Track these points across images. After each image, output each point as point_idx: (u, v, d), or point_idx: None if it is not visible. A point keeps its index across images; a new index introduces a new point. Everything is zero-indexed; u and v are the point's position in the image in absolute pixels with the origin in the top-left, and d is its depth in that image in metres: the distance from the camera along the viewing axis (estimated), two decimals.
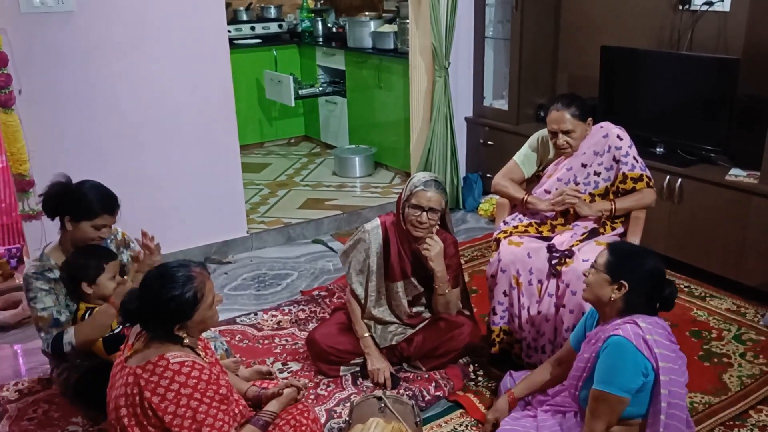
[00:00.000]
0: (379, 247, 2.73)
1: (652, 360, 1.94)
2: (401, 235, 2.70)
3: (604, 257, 2.10)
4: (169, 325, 1.89)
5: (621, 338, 1.96)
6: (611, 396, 1.95)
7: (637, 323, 1.99)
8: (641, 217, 2.75)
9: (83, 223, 2.42)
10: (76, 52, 3.37)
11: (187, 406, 1.81)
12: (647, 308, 2.06)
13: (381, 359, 2.72)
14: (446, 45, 4.43)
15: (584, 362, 2.11)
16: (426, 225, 2.59)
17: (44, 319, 2.43)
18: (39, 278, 2.43)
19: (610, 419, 2.00)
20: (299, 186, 5.13)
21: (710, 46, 3.56)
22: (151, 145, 3.68)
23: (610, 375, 1.96)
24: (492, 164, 4.65)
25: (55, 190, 2.45)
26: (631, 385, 1.95)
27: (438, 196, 2.59)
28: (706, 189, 3.37)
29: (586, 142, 2.79)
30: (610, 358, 1.97)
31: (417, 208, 2.59)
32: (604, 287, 2.06)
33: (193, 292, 1.88)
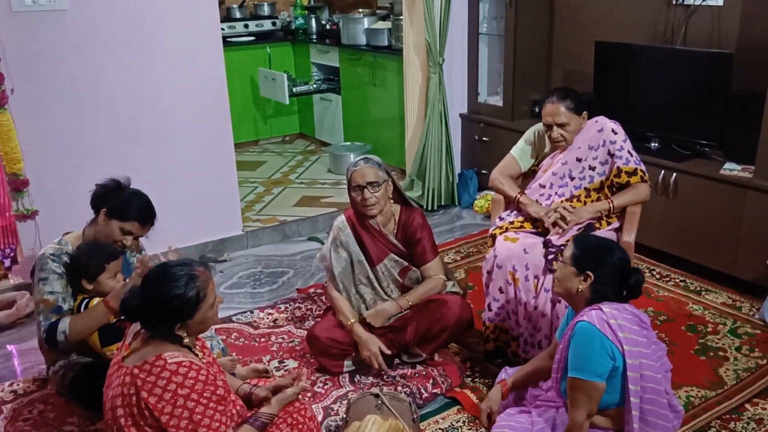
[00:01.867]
0: (350, 237, 2.77)
1: (617, 343, 1.96)
2: (364, 221, 2.76)
3: (570, 250, 2.13)
4: (170, 323, 1.88)
5: (586, 323, 1.98)
6: (584, 382, 1.97)
7: (601, 309, 2.01)
8: (637, 212, 2.75)
9: (114, 221, 2.50)
10: (69, 50, 3.36)
11: (183, 406, 1.80)
12: (615, 297, 2.08)
13: (372, 341, 2.70)
14: (440, 41, 4.42)
15: (560, 353, 2.12)
16: (372, 201, 2.66)
17: (48, 303, 2.43)
18: (55, 260, 2.46)
19: (589, 406, 2.00)
20: (294, 184, 5.12)
21: (704, 41, 3.56)
22: (146, 144, 3.66)
23: (580, 361, 1.98)
24: (487, 160, 4.65)
25: (109, 183, 2.56)
26: (601, 369, 1.96)
27: (372, 170, 2.66)
28: (700, 183, 3.37)
29: (581, 136, 2.79)
30: (577, 344, 2.00)
31: (358, 189, 2.67)
32: (572, 279, 2.10)
33: (196, 291, 1.88)
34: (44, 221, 3.47)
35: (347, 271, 2.79)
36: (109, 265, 2.45)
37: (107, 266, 2.45)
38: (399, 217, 2.80)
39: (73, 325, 2.40)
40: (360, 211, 2.72)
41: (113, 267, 2.46)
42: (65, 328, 2.40)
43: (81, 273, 2.45)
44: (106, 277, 2.45)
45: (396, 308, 2.76)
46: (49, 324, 2.43)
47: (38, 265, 2.47)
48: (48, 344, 2.46)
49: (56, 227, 3.41)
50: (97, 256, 2.44)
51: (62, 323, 2.40)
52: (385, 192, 2.70)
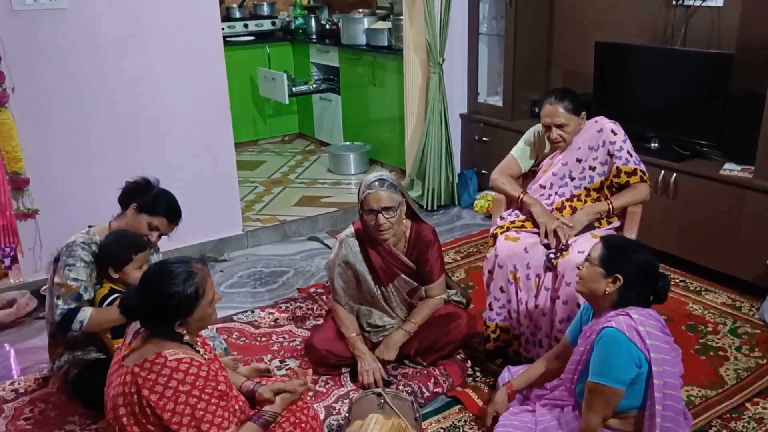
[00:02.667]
0: (358, 255, 2.71)
1: (645, 351, 1.95)
2: (374, 241, 2.68)
3: (598, 251, 2.10)
4: (169, 321, 1.89)
5: (614, 330, 1.97)
6: (606, 387, 1.96)
7: (629, 315, 2.00)
8: (637, 212, 2.76)
9: (143, 215, 2.57)
10: (69, 49, 3.35)
11: (185, 403, 1.80)
12: (641, 301, 2.07)
13: (370, 360, 2.70)
14: (440, 41, 4.43)
15: (579, 355, 2.12)
16: (386, 226, 2.56)
17: (70, 289, 2.45)
18: (85, 248, 2.50)
19: (605, 411, 2.00)
20: (294, 183, 5.12)
21: (703, 42, 3.57)
22: (146, 143, 3.66)
23: (603, 367, 1.97)
24: (487, 160, 4.66)
25: (140, 181, 2.65)
26: (625, 376, 1.96)
27: (388, 194, 2.54)
28: (700, 183, 3.38)
29: (581, 136, 2.80)
30: (603, 349, 1.99)
31: (371, 213, 2.56)
32: (599, 281, 2.07)
33: (195, 288, 1.88)
34: (44, 220, 3.47)
35: (351, 287, 2.76)
36: (136, 256, 2.49)
37: (134, 257, 2.48)
38: (410, 233, 2.74)
39: (93, 317, 2.42)
40: (372, 234, 2.64)
41: (140, 258, 2.50)
42: (84, 319, 2.42)
43: (109, 261, 2.48)
44: (133, 267, 2.48)
45: (404, 336, 2.74)
46: (67, 309, 2.44)
47: (66, 251, 2.50)
48: (59, 329, 2.46)
49: (57, 226, 3.44)
50: (125, 246, 2.49)
51: (82, 312, 2.42)
52: (400, 215, 2.61)
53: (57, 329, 2.48)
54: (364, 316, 2.80)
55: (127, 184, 2.67)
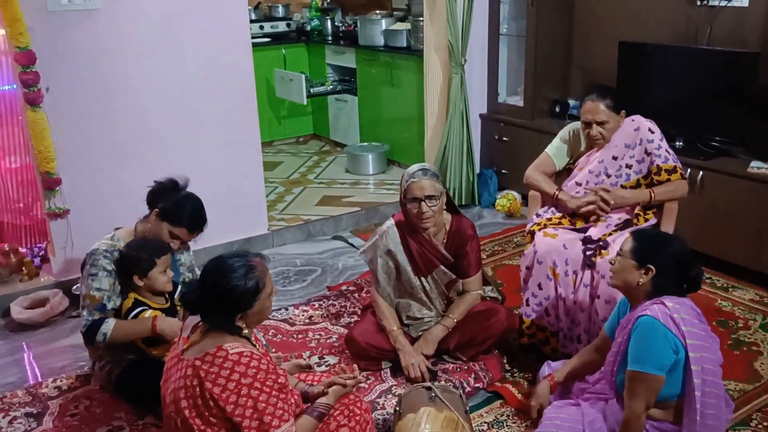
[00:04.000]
0: (399, 245, 2.76)
1: (681, 337, 1.99)
2: (415, 231, 2.73)
3: (629, 244, 2.15)
4: (229, 315, 1.91)
5: (649, 317, 2.01)
6: (646, 375, 1.99)
7: (664, 303, 2.04)
8: (674, 208, 2.79)
9: (165, 223, 2.53)
10: (101, 49, 3.37)
11: (248, 395, 1.82)
12: (675, 290, 2.10)
13: (413, 353, 2.73)
14: (462, 42, 4.46)
15: (617, 346, 2.15)
16: (429, 214, 2.62)
17: (94, 300, 2.46)
18: (107, 257, 2.49)
19: (648, 398, 2.03)
20: (313, 184, 5.15)
21: (728, 41, 3.61)
22: (176, 143, 3.68)
23: (642, 354, 2.01)
24: (507, 160, 4.70)
25: (167, 183, 2.59)
26: (664, 362, 1.99)
27: (431, 182, 2.61)
28: (728, 181, 3.41)
29: (618, 134, 2.83)
30: (640, 337, 2.02)
31: (414, 201, 2.62)
32: (632, 272, 2.11)
33: (255, 281, 1.90)
34: (76, 220, 3.48)
35: (392, 278, 2.80)
36: (159, 260, 2.48)
37: (158, 261, 2.48)
38: (450, 226, 2.78)
39: (116, 329, 2.44)
40: (414, 223, 2.68)
41: (163, 262, 2.49)
42: (108, 331, 2.43)
43: (132, 268, 2.47)
44: (158, 271, 2.48)
45: (444, 331, 2.77)
46: (91, 321, 2.46)
47: (89, 260, 2.50)
48: (85, 339, 2.50)
49: (88, 226, 3.46)
50: (148, 251, 2.48)
51: (106, 325, 2.43)
52: (441, 205, 2.66)
53: (84, 340, 2.50)
54: (404, 309, 2.83)
55: (154, 185, 2.63)
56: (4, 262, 3.59)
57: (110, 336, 2.44)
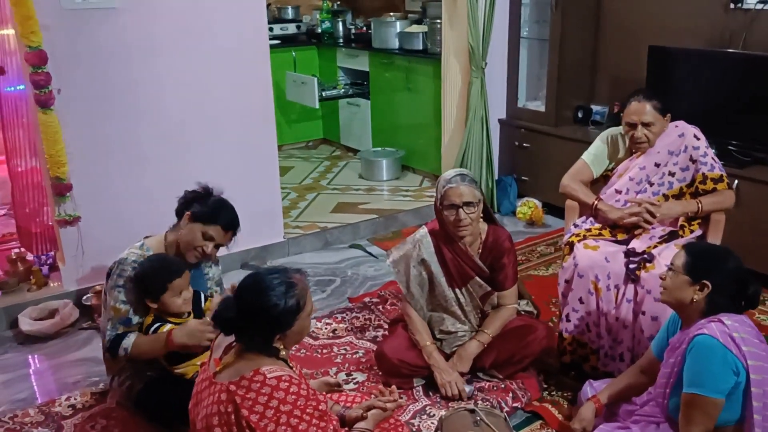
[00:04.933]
0: (433, 255, 2.63)
1: (741, 358, 1.86)
2: (450, 240, 2.61)
3: (682, 258, 2.02)
4: (268, 335, 1.78)
5: (707, 337, 1.88)
6: (703, 398, 1.87)
7: (722, 321, 1.92)
8: (721, 220, 2.67)
9: (197, 224, 2.41)
10: (117, 50, 3.24)
11: (287, 423, 1.70)
12: (732, 307, 1.98)
13: (449, 370, 2.60)
14: (483, 45, 4.33)
15: (670, 368, 2.02)
16: (467, 222, 2.49)
17: (119, 312, 2.33)
18: (136, 267, 2.35)
19: (706, 425, 1.90)
20: (327, 190, 5.01)
21: (764, 46, 3.49)
22: (193, 149, 3.55)
23: (699, 376, 1.88)
24: (528, 167, 4.58)
25: (199, 188, 2.51)
26: (724, 385, 1.86)
27: (469, 189, 2.49)
28: (765, 190, 3.29)
29: (661, 140, 2.71)
30: (697, 358, 1.89)
31: (452, 208, 2.50)
32: (685, 289, 1.99)
33: (296, 300, 1.78)
34: (87, 227, 3.34)
35: (425, 290, 2.67)
36: (172, 284, 2.31)
37: (169, 285, 2.31)
38: (486, 236, 2.65)
39: (136, 345, 2.32)
40: (450, 231, 2.56)
41: (177, 285, 2.32)
42: (128, 346, 2.32)
43: (144, 292, 2.33)
44: (170, 296, 2.32)
45: (479, 347, 2.64)
46: (115, 335, 2.35)
47: (117, 269, 2.37)
48: (110, 353, 2.37)
49: (100, 234, 3.33)
50: (159, 275, 2.31)
51: (127, 340, 2.32)
52: (479, 212, 2.54)
53: (108, 353, 2.37)
54: (437, 323, 2.70)
55: (185, 194, 2.54)
56: (12, 271, 3.45)
57: (131, 351, 2.32)
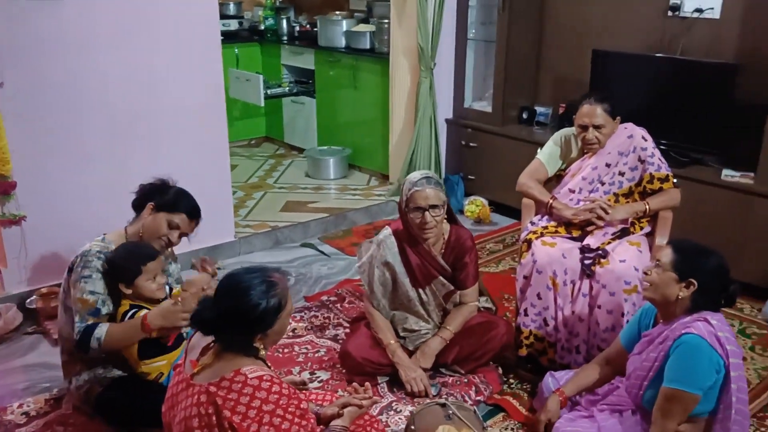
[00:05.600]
0: (396, 256, 2.67)
1: (724, 357, 1.97)
2: (414, 241, 2.65)
3: (669, 256, 2.08)
4: (249, 335, 1.76)
5: (695, 336, 1.97)
6: (685, 394, 1.96)
7: (708, 321, 2.00)
8: (669, 217, 2.81)
9: (162, 214, 2.42)
10: (63, 43, 3.12)
11: (270, 423, 1.68)
12: (712, 305, 2.07)
13: (413, 367, 2.64)
14: (432, 45, 4.40)
15: (651, 362, 2.09)
16: (432, 224, 2.54)
17: (87, 304, 2.26)
18: (101, 257, 2.30)
19: (681, 418, 2.01)
20: (274, 188, 4.97)
21: (701, 52, 3.69)
22: (140, 144, 3.45)
23: (685, 373, 1.97)
24: (475, 166, 4.67)
25: (156, 181, 2.52)
26: (706, 383, 1.96)
27: (435, 192, 2.54)
28: (703, 190, 3.48)
29: (611, 141, 2.83)
30: (684, 356, 1.98)
31: (418, 211, 2.54)
32: (671, 286, 2.06)
33: (277, 299, 1.77)
34: (32, 227, 3.21)
35: (388, 290, 2.70)
36: (146, 267, 2.29)
37: (144, 268, 2.29)
38: (449, 236, 2.70)
39: (110, 334, 2.24)
40: (415, 233, 2.60)
41: (151, 268, 2.30)
42: (101, 336, 2.23)
43: (118, 277, 2.29)
44: (144, 279, 2.29)
45: (441, 344, 2.69)
46: (84, 326, 2.25)
47: (81, 261, 2.29)
48: (79, 347, 2.28)
49: (45, 233, 3.21)
50: (134, 258, 2.29)
51: (99, 329, 2.24)
52: (444, 214, 2.60)
53: (77, 348, 2.29)
54: (400, 322, 2.73)
55: (141, 187, 2.52)
56: None
57: (104, 340, 2.22)
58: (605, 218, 2.71)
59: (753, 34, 3.52)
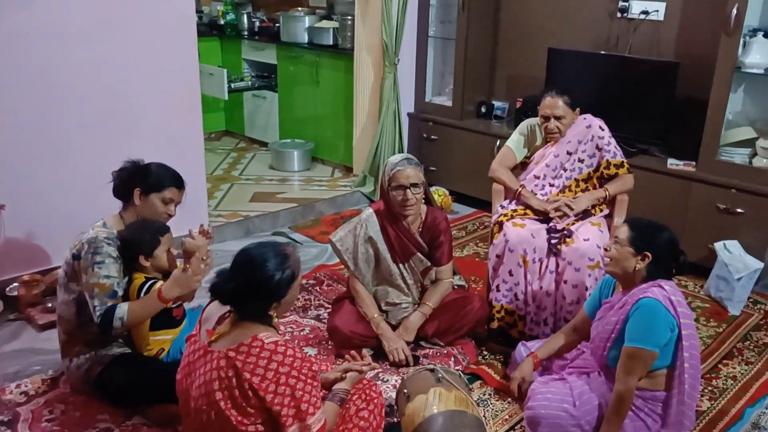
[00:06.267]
0: (379, 233, 2.85)
1: (677, 317, 2.22)
2: (394, 219, 2.85)
3: (626, 233, 2.33)
4: (265, 304, 1.91)
5: (651, 299, 2.21)
6: (645, 351, 2.20)
7: (662, 286, 2.26)
8: (625, 200, 3.08)
9: (152, 195, 2.50)
10: (36, 36, 3.15)
11: (286, 384, 1.83)
12: (666, 274, 2.33)
13: (396, 338, 2.83)
14: (396, 42, 4.59)
15: (612, 325, 2.34)
16: (413, 201, 2.75)
17: (104, 288, 2.35)
18: (111, 244, 2.40)
19: (642, 373, 2.25)
20: (240, 180, 5.07)
21: (646, 51, 4.01)
22: (115, 137, 3.49)
23: (642, 333, 2.20)
24: (436, 158, 4.88)
25: (129, 167, 2.54)
26: (661, 340, 2.20)
27: (415, 171, 2.75)
28: (650, 177, 3.79)
29: (571, 131, 3.08)
30: (642, 317, 2.21)
31: (400, 189, 2.74)
32: (629, 259, 2.30)
33: (291, 270, 1.92)
34: (11, 215, 3.24)
35: (371, 266, 2.88)
36: (163, 238, 2.45)
37: (162, 239, 2.45)
38: (425, 217, 2.90)
39: (131, 312, 2.35)
40: (396, 211, 2.79)
41: (167, 240, 2.47)
42: (123, 315, 2.33)
43: (138, 250, 2.42)
44: (162, 250, 2.45)
45: (422, 318, 2.89)
46: (105, 309, 2.34)
47: (91, 248, 2.37)
48: (102, 329, 2.37)
49: (23, 221, 3.24)
50: (151, 231, 2.44)
51: (119, 309, 2.34)
52: (422, 193, 2.79)
53: (100, 329, 2.37)
54: (382, 296, 2.93)
55: (117, 175, 2.56)
56: None
57: (127, 318, 2.33)
58: (570, 215, 2.94)
59: (693, 35, 3.86)
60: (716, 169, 3.60)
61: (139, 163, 2.59)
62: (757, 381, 2.85)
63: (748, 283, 3.40)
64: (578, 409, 2.29)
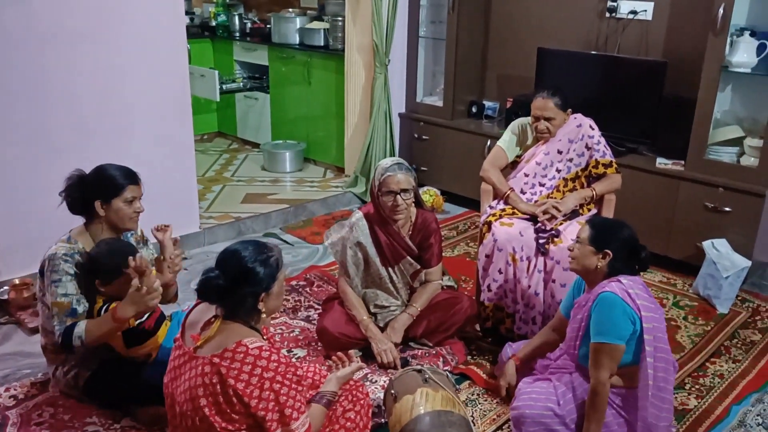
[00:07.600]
0: (368, 237, 2.86)
1: (636, 309, 2.22)
2: (384, 222, 2.85)
3: (587, 232, 2.36)
4: (252, 297, 1.90)
5: (609, 293, 2.23)
6: (608, 345, 2.21)
7: (620, 281, 2.27)
8: (612, 199, 3.10)
9: (114, 201, 2.43)
10: (30, 37, 3.16)
11: (270, 389, 1.83)
12: (628, 270, 2.34)
13: (384, 340, 2.84)
14: (387, 42, 4.60)
15: (578, 323, 2.36)
16: (403, 206, 2.76)
17: (62, 306, 2.33)
18: (68, 260, 2.36)
19: (611, 366, 2.24)
20: (232, 181, 5.07)
21: (634, 51, 4.02)
22: (106, 138, 3.51)
23: (604, 326, 2.22)
24: (427, 157, 4.90)
25: (75, 182, 2.44)
26: (624, 332, 2.21)
27: (405, 177, 2.75)
28: (639, 175, 3.81)
29: (562, 130, 3.09)
30: (601, 312, 2.24)
31: (390, 194, 2.75)
32: (590, 257, 2.33)
33: (275, 259, 1.93)
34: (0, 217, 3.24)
35: (360, 269, 2.89)
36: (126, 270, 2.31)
37: (125, 271, 2.32)
38: (415, 219, 2.91)
39: (88, 331, 2.32)
40: (386, 215, 2.80)
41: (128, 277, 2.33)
42: (81, 334, 2.31)
43: (98, 276, 2.37)
44: (123, 282, 2.34)
45: (409, 319, 2.90)
46: (64, 328, 2.33)
47: (49, 266, 2.36)
48: (64, 348, 2.36)
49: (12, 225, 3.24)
50: (116, 257, 2.35)
51: (78, 328, 2.32)
52: (413, 198, 2.80)
53: (62, 349, 2.36)
54: (371, 299, 2.93)
55: (68, 194, 2.46)
56: None
57: (85, 338, 2.31)
58: (558, 216, 2.96)
59: (680, 34, 3.88)
60: (704, 167, 3.62)
61: (83, 175, 2.48)
62: (743, 379, 2.87)
63: (736, 281, 3.43)
64: (562, 407, 2.31)
